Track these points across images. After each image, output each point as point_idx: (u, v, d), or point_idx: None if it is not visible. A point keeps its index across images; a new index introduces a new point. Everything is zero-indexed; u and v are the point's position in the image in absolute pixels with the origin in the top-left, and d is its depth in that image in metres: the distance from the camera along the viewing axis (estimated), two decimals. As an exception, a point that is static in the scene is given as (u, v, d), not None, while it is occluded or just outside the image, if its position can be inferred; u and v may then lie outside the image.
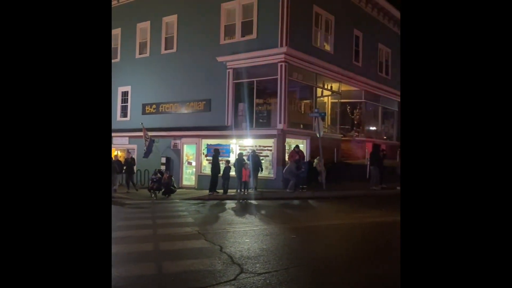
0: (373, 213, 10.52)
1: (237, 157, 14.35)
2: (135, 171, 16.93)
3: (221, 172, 14.11)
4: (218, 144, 15.98)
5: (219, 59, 16.34)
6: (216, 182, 14.08)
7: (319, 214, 10.79)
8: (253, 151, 14.50)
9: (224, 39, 16.83)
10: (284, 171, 14.07)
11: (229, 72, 16.44)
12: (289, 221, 9.23)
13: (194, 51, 17.49)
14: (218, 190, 14.05)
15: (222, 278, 5.00)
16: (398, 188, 14.41)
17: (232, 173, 14.11)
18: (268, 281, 4.97)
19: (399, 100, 24.29)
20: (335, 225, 8.98)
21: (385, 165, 14.96)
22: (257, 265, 5.62)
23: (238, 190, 13.89)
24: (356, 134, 20.75)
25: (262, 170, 14.30)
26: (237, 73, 16.36)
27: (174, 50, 18.54)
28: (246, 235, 7.48)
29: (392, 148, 21.12)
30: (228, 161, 14.44)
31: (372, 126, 22.26)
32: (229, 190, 14.04)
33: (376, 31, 21.82)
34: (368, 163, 15.69)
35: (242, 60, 16.02)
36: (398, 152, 16.75)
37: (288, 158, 14.51)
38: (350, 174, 16.48)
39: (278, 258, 5.98)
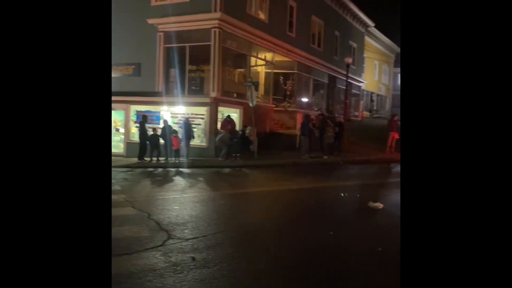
0: (301, 180, 10.94)
1: (163, 124, 14.05)
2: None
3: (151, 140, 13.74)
4: (148, 111, 15.42)
5: (150, 21, 15.53)
6: (145, 149, 13.72)
7: (250, 181, 10.98)
8: (186, 118, 14.23)
9: (155, 1, 15.96)
10: (216, 140, 14.02)
11: (160, 35, 15.71)
12: (219, 189, 9.29)
13: (122, 11, 16.39)
14: (146, 158, 13.71)
15: (149, 245, 4.93)
16: (325, 157, 15.15)
17: (163, 140, 13.79)
18: (195, 246, 4.99)
19: (330, 72, 25.09)
20: (265, 191, 9.21)
21: (315, 135, 15.54)
22: (185, 231, 5.61)
23: (168, 158, 13.65)
24: (288, 104, 21.17)
25: (193, 138, 14.15)
26: (168, 37, 15.68)
27: (100, 9, 17.19)
28: (175, 202, 7.41)
29: (321, 119, 21.87)
30: (154, 129, 14.04)
31: (304, 97, 22.82)
32: (160, 158, 13.74)
33: (310, 3, 22.02)
34: (299, 133, 16.16)
35: (173, 24, 15.35)
36: (327, 122, 17.38)
37: (221, 127, 14.46)
38: (281, 144, 16.88)
39: (207, 224, 6.01)
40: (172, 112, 15.40)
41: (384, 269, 4.61)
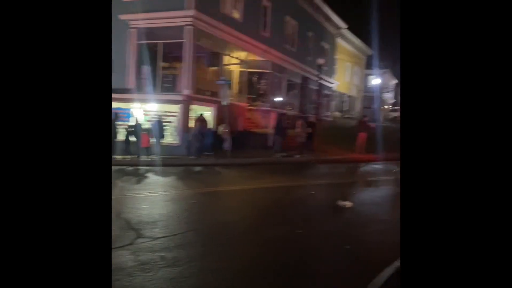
0: (273, 178, 11.05)
1: (134, 123, 13.90)
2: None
3: (121, 137, 13.51)
4: (119, 108, 15.13)
5: (121, 17, 15.24)
6: (113, 147, 13.47)
7: (221, 180, 10.99)
8: (158, 116, 14.08)
9: (128, -4, 15.68)
10: (189, 138, 13.95)
11: (131, 31, 15.46)
12: (191, 187, 9.26)
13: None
14: (116, 156, 13.47)
15: (118, 244, 4.88)
16: (297, 156, 15.33)
17: (134, 138, 13.60)
18: (165, 245, 4.98)
19: (303, 73, 25.37)
20: (236, 190, 9.25)
21: (288, 134, 15.70)
22: (155, 230, 5.59)
23: (139, 156, 13.48)
24: (262, 103, 21.26)
25: (163, 137, 13.99)
26: (141, 33, 15.44)
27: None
28: (146, 201, 7.34)
29: (294, 119, 22.12)
30: (126, 126, 13.80)
31: (277, 97, 22.98)
32: (130, 156, 13.54)
33: (284, 3, 22.18)
34: (273, 131, 16.30)
35: (146, 20, 15.13)
36: (300, 123, 17.61)
37: (194, 125, 14.39)
38: (254, 142, 16.95)
39: (177, 223, 6.01)
40: (144, 110, 15.20)
41: (350, 266, 4.75)
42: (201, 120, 14.22)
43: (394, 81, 50.56)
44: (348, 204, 7.67)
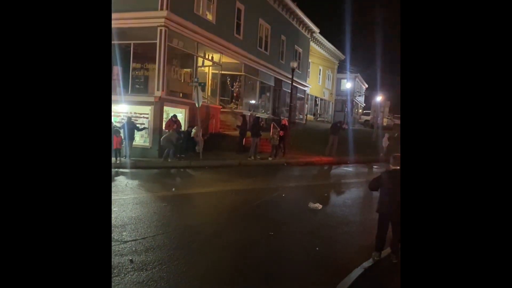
0: (245, 181, 11.05)
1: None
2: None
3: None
4: (89, 109, 14.79)
5: (92, 15, 14.91)
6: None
7: (193, 182, 10.90)
8: (129, 117, 13.82)
9: (98, -6, 15.37)
10: (161, 140, 13.76)
11: (103, 31, 15.15)
12: (162, 190, 9.14)
13: (62, 4, 15.59)
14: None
15: (84, 248, 4.75)
16: (270, 158, 15.40)
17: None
18: (134, 249, 4.90)
19: (276, 76, 25.55)
20: (208, 192, 9.20)
21: (262, 137, 15.75)
22: (124, 233, 5.48)
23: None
24: (235, 106, 21.25)
25: (133, 139, 13.75)
26: (112, 33, 15.15)
27: None
28: (115, 203, 7.19)
29: (267, 121, 22.23)
30: None
31: (251, 99, 23.03)
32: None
33: (257, 6, 22.29)
34: (243, 134, 16.32)
35: (117, 20, 14.83)
36: (272, 125, 17.70)
37: (165, 127, 14.20)
38: (227, 145, 16.91)
39: (147, 226, 5.91)
40: (114, 111, 14.89)
41: (319, 268, 4.81)
42: (174, 121, 14.06)
43: (365, 86, 51.68)
44: (319, 206, 7.76)
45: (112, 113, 14.71)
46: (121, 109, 14.76)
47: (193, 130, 14.80)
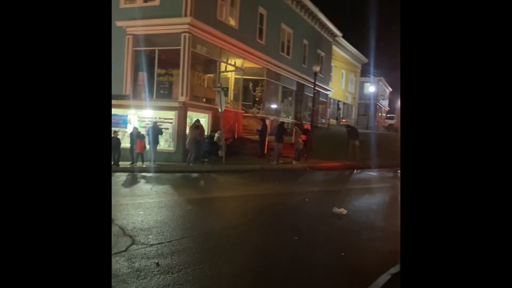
0: (268, 185, 11.04)
1: (132, 130, 13.92)
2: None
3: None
4: (115, 114, 15.12)
5: (118, 23, 15.28)
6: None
7: (217, 186, 10.97)
8: (154, 123, 14.06)
9: (124, 3, 15.74)
10: (186, 143, 13.94)
11: (128, 38, 15.49)
12: (186, 194, 9.23)
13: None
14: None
15: (112, 250, 4.85)
16: (294, 162, 15.35)
17: (128, 144, 13.60)
18: (160, 252, 4.96)
19: (298, 80, 25.50)
20: (232, 197, 9.23)
21: (285, 141, 15.72)
22: (150, 236, 5.57)
23: (134, 163, 13.43)
24: (257, 110, 21.32)
25: (158, 143, 13.95)
26: (137, 40, 15.48)
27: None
28: (140, 207, 7.31)
29: (290, 126, 22.21)
30: (115, 132, 13.70)
31: (273, 104, 23.06)
32: (125, 163, 13.48)
33: (280, 11, 22.35)
34: (267, 138, 16.36)
35: (143, 27, 15.18)
36: (294, 130, 17.66)
37: (189, 132, 14.38)
38: (249, 149, 16.96)
39: (172, 229, 5.98)
40: (140, 116, 15.18)
41: (344, 274, 4.75)
42: (197, 126, 14.22)
43: (388, 89, 50.90)
44: (343, 211, 7.68)
45: (137, 118, 15.01)
46: (146, 114, 15.04)
47: (216, 135, 14.91)
